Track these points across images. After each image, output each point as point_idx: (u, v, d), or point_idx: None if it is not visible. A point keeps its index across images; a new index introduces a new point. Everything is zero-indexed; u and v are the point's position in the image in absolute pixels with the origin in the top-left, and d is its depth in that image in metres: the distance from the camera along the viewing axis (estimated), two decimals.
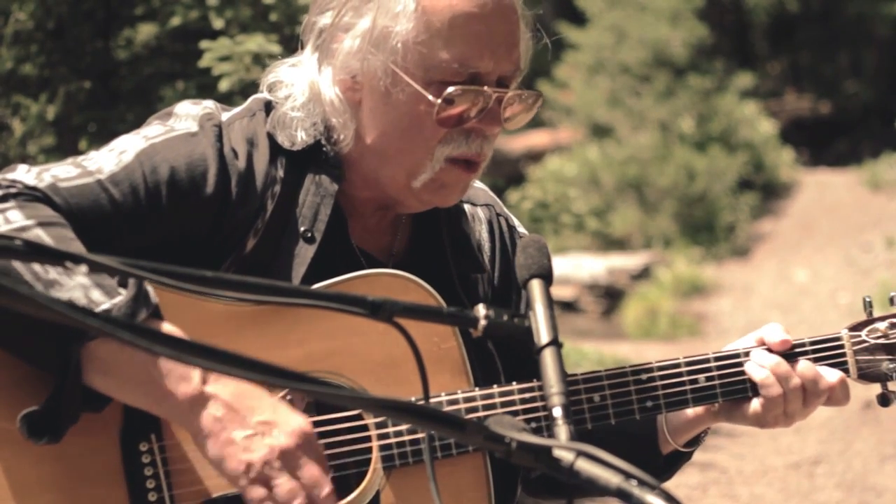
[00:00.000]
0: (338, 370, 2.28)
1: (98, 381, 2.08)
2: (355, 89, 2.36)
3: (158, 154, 2.29)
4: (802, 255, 16.13)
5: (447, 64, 2.29)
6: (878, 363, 2.47)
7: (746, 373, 2.43)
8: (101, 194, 2.23)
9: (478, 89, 2.31)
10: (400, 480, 2.29)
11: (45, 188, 2.19)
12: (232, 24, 5.54)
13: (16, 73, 5.77)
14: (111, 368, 2.08)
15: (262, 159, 2.36)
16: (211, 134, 2.33)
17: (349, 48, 2.34)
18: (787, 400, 2.42)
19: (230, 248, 2.32)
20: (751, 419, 2.46)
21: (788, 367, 2.42)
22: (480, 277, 2.54)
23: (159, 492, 2.17)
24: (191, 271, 1.59)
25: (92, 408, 2.11)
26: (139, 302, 2.08)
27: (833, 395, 2.45)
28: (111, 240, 2.23)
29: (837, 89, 23.19)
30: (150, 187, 2.26)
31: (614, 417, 2.38)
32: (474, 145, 2.35)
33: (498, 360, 2.47)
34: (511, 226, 2.63)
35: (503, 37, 2.34)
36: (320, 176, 2.38)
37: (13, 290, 1.43)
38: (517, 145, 18.70)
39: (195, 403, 2.06)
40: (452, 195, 2.42)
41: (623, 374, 2.39)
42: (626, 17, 18.45)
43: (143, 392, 2.08)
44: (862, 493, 7.71)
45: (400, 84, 2.31)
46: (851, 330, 2.49)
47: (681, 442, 2.54)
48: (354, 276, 2.31)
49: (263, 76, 2.46)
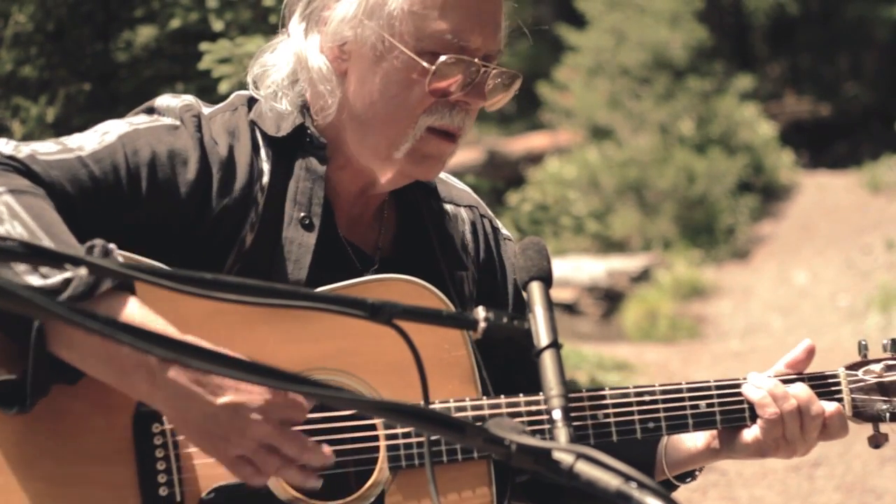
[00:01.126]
0: (350, 369, 2.29)
1: (63, 353, 2.06)
2: (342, 59, 2.40)
3: (142, 138, 2.31)
4: (802, 257, 16.12)
5: (441, 34, 2.34)
6: (873, 403, 2.53)
7: (743, 394, 2.46)
8: (81, 169, 2.23)
9: (469, 60, 2.35)
10: (405, 482, 2.30)
11: (23, 158, 2.19)
12: (232, 27, 5.54)
13: (15, 75, 5.77)
14: (73, 342, 2.06)
15: (245, 151, 2.38)
16: (191, 125, 2.35)
17: (342, 16, 2.38)
18: (785, 422, 2.45)
19: (228, 245, 2.33)
20: (752, 447, 2.48)
21: (784, 389, 2.47)
22: (465, 276, 2.56)
23: (169, 474, 2.18)
24: (189, 273, 1.59)
25: (64, 379, 2.09)
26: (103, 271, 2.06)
27: (829, 424, 2.48)
28: (87, 216, 2.21)
29: (837, 91, 23.19)
30: (130, 168, 2.27)
31: (617, 435, 2.40)
32: (457, 118, 2.39)
33: (483, 370, 2.47)
34: (495, 227, 2.65)
35: (491, 16, 2.40)
36: (308, 159, 2.40)
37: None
38: (517, 147, 18.70)
39: (156, 374, 2.04)
40: (435, 167, 2.44)
41: (626, 394, 2.42)
42: (626, 20, 18.45)
43: (105, 366, 2.07)
44: (862, 495, 7.71)
45: (393, 52, 2.35)
46: (848, 369, 2.54)
47: (675, 475, 2.58)
48: (369, 280, 2.34)
49: (249, 69, 2.49)
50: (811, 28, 23.43)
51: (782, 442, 2.47)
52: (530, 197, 8.05)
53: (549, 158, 18.02)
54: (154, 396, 2.06)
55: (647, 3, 18.44)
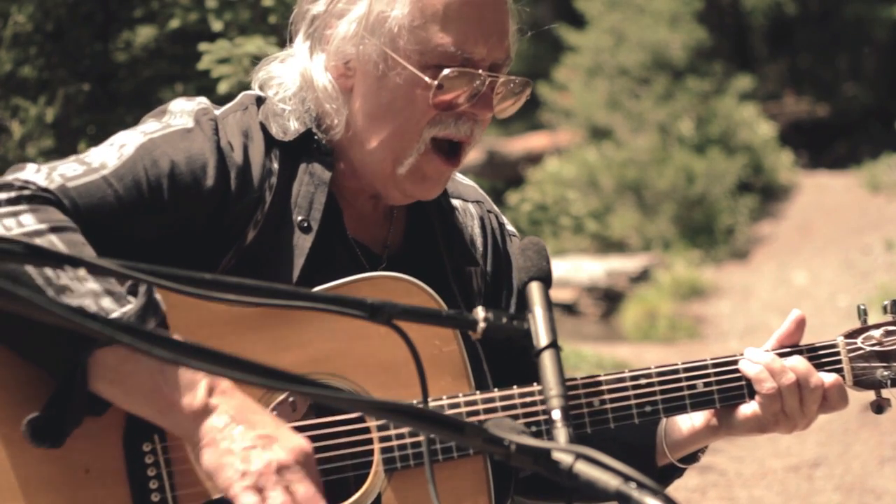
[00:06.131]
0: (340, 372, 2.28)
1: (104, 388, 2.08)
2: (348, 76, 2.40)
3: (158, 148, 2.31)
4: (801, 257, 16.12)
5: (443, 48, 2.33)
6: (873, 370, 2.49)
7: (741, 370, 2.44)
8: (108, 190, 2.24)
9: (472, 72, 2.34)
10: (401, 483, 2.29)
11: (55, 189, 2.21)
12: (231, 27, 5.53)
13: (15, 75, 5.77)
14: (118, 377, 2.08)
15: (258, 151, 2.38)
16: (208, 128, 2.35)
17: (344, 34, 2.38)
18: (784, 396, 2.43)
19: (231, 240, 2.34)
20: (752, 423, 2.46)
21: (782, 363, 2.44)
22: (474, 271, 2.56)
23: (162, 492, 2.17)
24: (191, 274, 1.59)
25: (94, 412, 2.11)
26: (149, 311, 2.08)
27: (829, 396, 2.46)
28: (117, 234, 2.24)
29: (836, 92, 23.19)
30: (151, 181, 2.27)
31: (613, 422, 2.39)
32: (464, 128, 2.38)
33: (485, 363, 2.47)
34: (501, 222, 2.66)
35: (495, 24, 2.37)
36: (313, 164, 2.41)
37: (27, 298, 1.43)
38: (516, 147, 18.71)
39: (199, 414, 2.07)
40: (434, 188, 2.45)
41: (622, 379, 2.40)
42: (625, 20, 18.46)
43: (148, 402, 2.09)
44: (861, 495, 7.70)
45: (396, 68, 2.35)
46: (847, 337, 2.51)
47: (678, 457, 2.56)
48: (358, 279, 2.32)
49: (254, 73, 2.49)
50: (810, 28, 23.44)
51: (781, 416, 2.45)
52: (530, 197, 8.05)
53: (549, 158, 18.03)
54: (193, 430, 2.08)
55: (646, 3, 18.45)
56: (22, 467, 2.13)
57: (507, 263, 2.62)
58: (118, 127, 2.40)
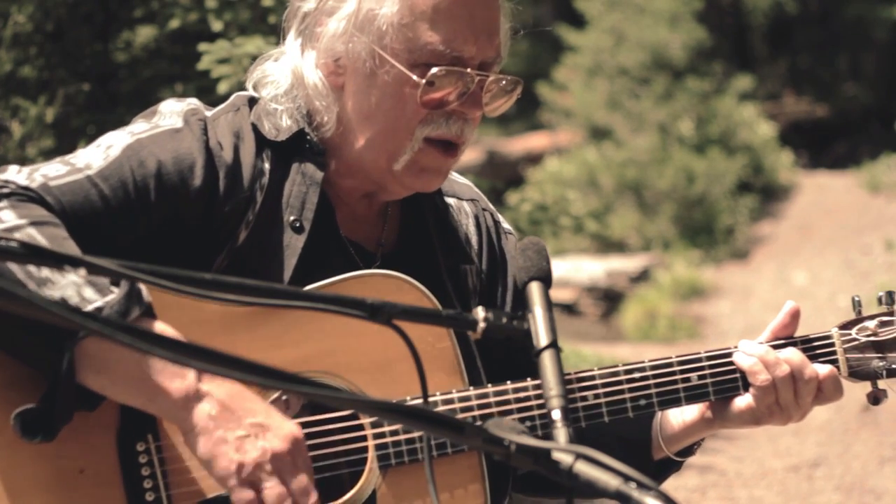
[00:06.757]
0: (334, 370, 2.28)
1: (91, 379, 2.08)
2: (338, 73, 2.40)
3: (145, 149, 2.31)
4: (801, 257, 16.12)
5: (432, 46, 2.33)
6: (868, 361, 2.49)
7: (735, 363, 2.44)
8: (92, 190, 2.24)
9: (461, 70, 2.34)
10: (396, 479, 2.30)
11: (37, 188, 2.21)
12: (231, 27, 5.54)
13: (15, 75, 5.77)
14: (103, 366, 2.08)
15: (249, 151, 2.38)
16: (197, 128, 2.35)
17: (334, 31, 2.38)
18: (778, 388, 2.43)
19: (223, 240, 2.34)
20: (746, 415, 2.46)
21: (776, 355, 2.44)
22: (469, 269, 2.56)
23: (156, 492, 2.17)
24: (189, 273, 1.59)
25: (85, 406, 2.11)
26: (132, 300, 2.08)
27: (824, 388, 2.46)
28: (103, 234, 2.24)
29: (836, 92, 23.19)
30: (138, 181, 2.27)
31: (608, 415, 2.39)
32: (454, 127, 2.38)
33: (479, 360, 2.47)
34: (496, 220, 2.67)
35: (485, 22, 2.37)
36: (305, 164, 2.41)
37: (8, 291, 1.43)
38: (516, 147, 18.70)
39: (189, 400, 2.07)
40: (434, 180, 2.45)
41: (616, 372, 2.41)
42: (625, 20, 18.46)
43: (136, 389, 2.09)
44: (861, 495, 7.70)
45: (385, 66, 2.35)
46: (841, 328, 2.51)
47: (674, 450, 2.55)
48: (348, 277, 2.32)
49: (248, 73, 2.49)
50: (810, 28, 23.44)
51: (776, 408, 2.45)
52: (529, 197, 8.05)
53: (549, 158, 18.02)
54: (184, 416, 2.08)
55: (646, 3, 18.44)
56: (15, 468, 2.13)
57: (502, 261, 2.62)
58: (118, 127, 2.40)
